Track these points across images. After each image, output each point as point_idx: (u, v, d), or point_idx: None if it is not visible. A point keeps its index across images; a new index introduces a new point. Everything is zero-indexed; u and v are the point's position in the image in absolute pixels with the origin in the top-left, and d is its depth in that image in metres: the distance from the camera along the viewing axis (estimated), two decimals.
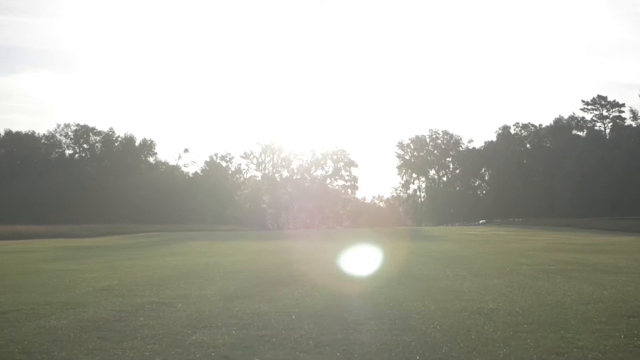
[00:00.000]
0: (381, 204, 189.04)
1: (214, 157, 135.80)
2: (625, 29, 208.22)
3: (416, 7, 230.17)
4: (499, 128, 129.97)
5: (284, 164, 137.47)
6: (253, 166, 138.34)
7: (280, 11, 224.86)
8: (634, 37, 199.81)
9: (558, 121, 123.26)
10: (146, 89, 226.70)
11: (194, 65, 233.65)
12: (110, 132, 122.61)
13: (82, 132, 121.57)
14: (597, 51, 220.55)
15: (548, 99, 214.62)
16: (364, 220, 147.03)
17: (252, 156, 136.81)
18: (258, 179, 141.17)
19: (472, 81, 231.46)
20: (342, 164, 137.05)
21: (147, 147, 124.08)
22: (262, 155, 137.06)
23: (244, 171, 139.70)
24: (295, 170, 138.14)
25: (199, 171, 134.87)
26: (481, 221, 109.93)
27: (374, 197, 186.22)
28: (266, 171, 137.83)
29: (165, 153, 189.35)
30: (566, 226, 78.66)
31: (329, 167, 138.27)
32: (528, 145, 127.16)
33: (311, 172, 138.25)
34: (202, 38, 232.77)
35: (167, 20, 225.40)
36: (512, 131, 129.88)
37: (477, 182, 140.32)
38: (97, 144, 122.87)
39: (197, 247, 38.95)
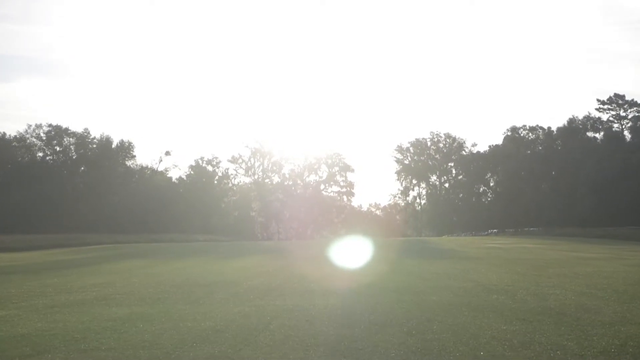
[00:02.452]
0: (378, 212, 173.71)
1: (200, 161, 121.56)
2: (622, 36, 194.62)
3: (416, 5, 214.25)
4: (507, 129, 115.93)
5: (274, 168, 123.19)
6: (242, 171, 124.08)
7: (274, 8, 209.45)
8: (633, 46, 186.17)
9: (572, 122, 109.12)
10: (129, 89, 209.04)
11: (179, 64, 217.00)
12: (85, 133, 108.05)
13: (55, 134, 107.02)
14: (595, 58, 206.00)
15: (551, 102, 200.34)
16: (360, 229, 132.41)
17: (240, 160, 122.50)
18: (248, 185, 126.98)
19: (474, 82, 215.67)
20: (337, 168, 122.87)
21: (125, 149, 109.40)
22: (252, 160, 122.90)
23: (231, 176, 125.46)
24: (287, 176, 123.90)
25: (183, 176, 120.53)
26: (491, 231, 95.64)
27: (370, 205, 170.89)
28: (255, 176, 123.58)
29: (146, 157, 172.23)
30: (601, 237, 64.42)
31: (323, 172, 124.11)
32: (539, 148, 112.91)
33: (304, 177, 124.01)
34: (188, 36, 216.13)
35: (153, 17, 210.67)
36: (521, 133, 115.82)
37: (482, 189, 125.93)
38: (71, 146, 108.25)
39: (106, 273, 24.63)
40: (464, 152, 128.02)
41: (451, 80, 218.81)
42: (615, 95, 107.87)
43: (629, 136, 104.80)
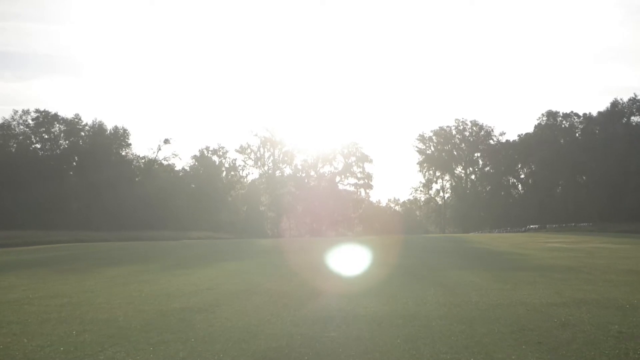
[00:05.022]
0: (397, 208, 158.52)
1: (205, 151, 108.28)
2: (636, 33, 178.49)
3: None
4: (543, 114, 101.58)
5: (286, 159, 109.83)
6: (250, 162, 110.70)
7: None
8: None
9: (615, 105, 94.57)
10: (131, 78, 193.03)
11: (186, 49, 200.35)
12: (76, 120, 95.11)
13: (43, 121, 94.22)
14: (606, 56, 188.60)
15: (578, 90, 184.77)
16: (378, 225, 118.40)
17: (249, 150, 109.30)
18: (258, 178, 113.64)
19: (499, 68, 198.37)
20: (353, 159, 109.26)
21: (120, 137, 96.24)
22: (261, 149, 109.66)
23: (239, 168, 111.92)
24: (299, 167, 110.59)
25: (186, 167, 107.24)
26: (530, 227, 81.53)
27: (389, 200, 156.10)
28: (265, 168, 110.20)
29: (143, 148, 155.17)
30: None
31: (339, 162, 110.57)
32: (577, 135, 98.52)
33: (318, 168, 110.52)
34: (196, 21, 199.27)
35: (160, 3, 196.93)
36: (557, 119, 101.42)
37: (512, 181, 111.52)
38: (61, 134, 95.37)
39: None
40: (491, 141, 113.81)
41: (475, 67, 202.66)
42: None
43: None
